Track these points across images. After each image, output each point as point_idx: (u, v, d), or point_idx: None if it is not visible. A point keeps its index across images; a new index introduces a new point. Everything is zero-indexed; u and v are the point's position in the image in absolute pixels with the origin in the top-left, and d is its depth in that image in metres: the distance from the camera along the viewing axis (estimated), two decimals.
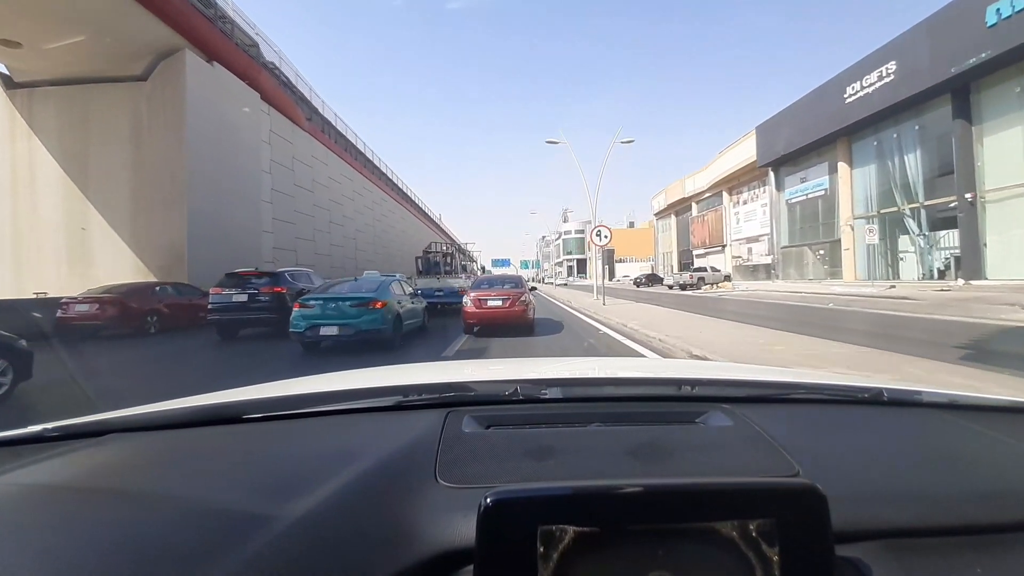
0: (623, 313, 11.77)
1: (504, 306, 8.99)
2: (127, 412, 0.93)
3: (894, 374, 4.40)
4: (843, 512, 0.53)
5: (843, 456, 0.72)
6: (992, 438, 0.82)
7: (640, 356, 6.26)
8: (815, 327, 8.56)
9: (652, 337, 7.57)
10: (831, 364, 5.05)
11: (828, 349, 6.03)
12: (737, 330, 8.25)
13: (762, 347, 6.22)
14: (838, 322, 9.82)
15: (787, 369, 2.50)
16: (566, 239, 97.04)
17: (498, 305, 9.00)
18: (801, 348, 6.09)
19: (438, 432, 0.76)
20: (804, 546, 0.43)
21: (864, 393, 1.00)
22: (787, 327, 8.47)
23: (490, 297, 9.07)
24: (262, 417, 0.89)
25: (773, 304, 15.02)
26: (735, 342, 6.78)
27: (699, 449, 0.73)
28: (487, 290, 9.38)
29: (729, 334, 7.73)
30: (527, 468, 0.65)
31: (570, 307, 15.48)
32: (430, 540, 0.51)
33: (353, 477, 0.62)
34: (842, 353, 5.68)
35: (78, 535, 0.50)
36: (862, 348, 6.02)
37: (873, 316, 10.61)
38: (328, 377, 1.31)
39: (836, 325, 9.16)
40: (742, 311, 12.85)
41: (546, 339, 8.38)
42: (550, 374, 1.38)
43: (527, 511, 0.43)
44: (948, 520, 0.58)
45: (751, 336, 7.42)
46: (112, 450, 0.79)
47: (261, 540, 0.49)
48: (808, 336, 7.15)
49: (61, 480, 0.68)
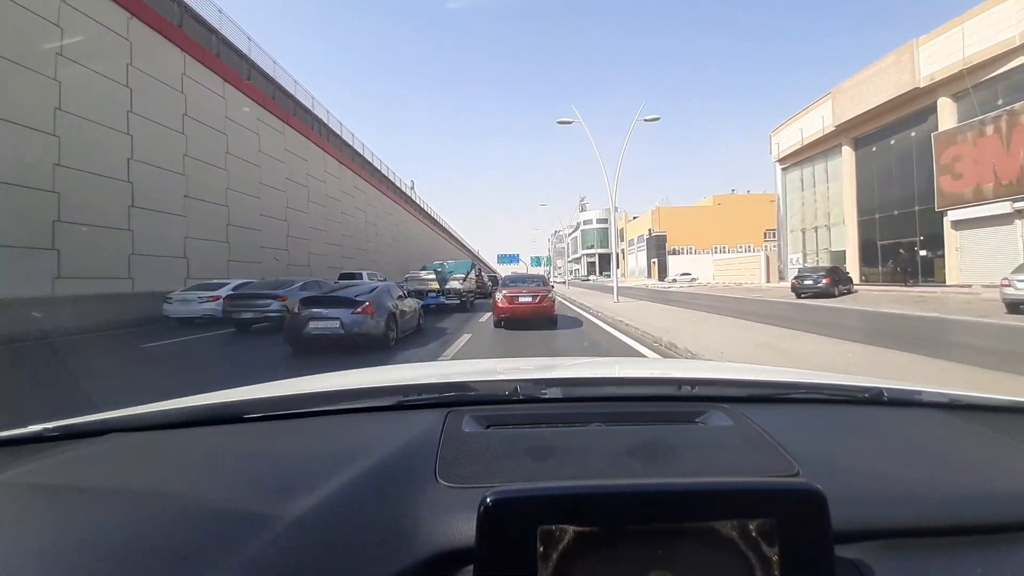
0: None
1: (533, 302, 10.05)
2: (127, 412, 0.93)
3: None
4: (843, 512, 0.53)
5: (843, 456, 0.72)
6: (992, 438, 0.82)
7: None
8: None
9: None
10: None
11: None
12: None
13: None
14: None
15: (787, 369, 2.50)
16: (585, 230, 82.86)
17: (528, 301, 10.06)
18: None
19: (438, 432, 0.76)
20: (804, 546, 0.43)
21: (864, 393, 1.00)
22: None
23: (521, 294, 10.17)
24: (262, 417, 0.89)
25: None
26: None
27: (699, 449, 0.73)
28: (518, 287, 10.47)
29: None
30: (527, 468, 0.65)
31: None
32: (430, 540, 0.51)
33: (353, 477, 0.62)
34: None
35: (78, 535, 0.50)
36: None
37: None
38: (328, 377, 1.31)
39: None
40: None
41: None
42: (550, 374, 1.38)
43: (527, 511, 0.43)
44: (949, 520, 0.58)
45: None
46: (112, 450, 0.79)
47: (262, 539, 0.49)
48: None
49: (61, 480, 0.68)
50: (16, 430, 0.84)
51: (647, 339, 7.86)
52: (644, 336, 8.19)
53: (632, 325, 9.45)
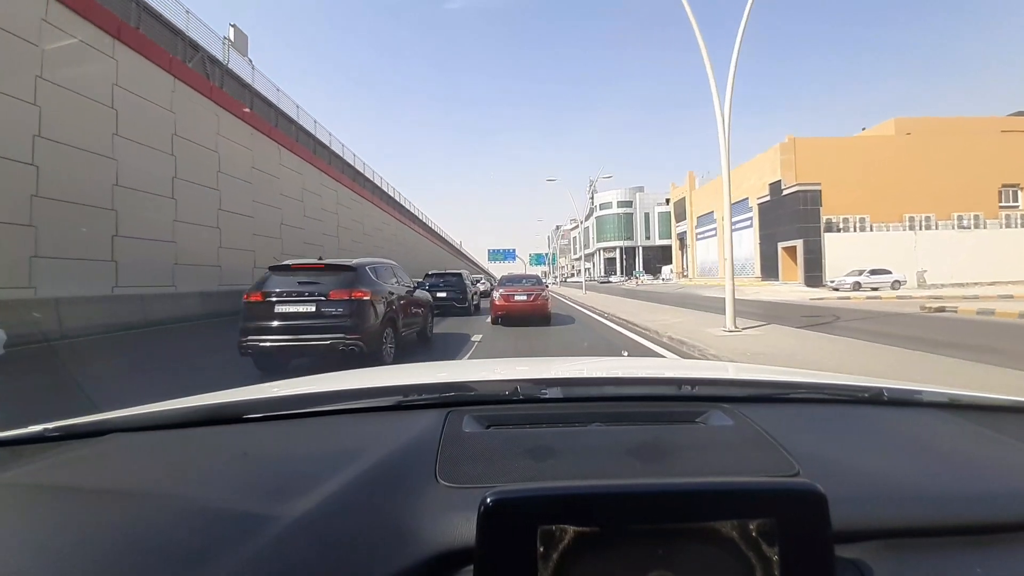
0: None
1: (528, 300, 10.71)
2: (127, 412, 0.93)
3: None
4: (843, 512, 0.53)
5: (843, 456, 0.72)
6: (992, 437, 0.82)
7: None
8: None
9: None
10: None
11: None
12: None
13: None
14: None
15: (787, 369, 2.50)
16: (602, 218, 62.59)
17: (523, 299, 10.74)
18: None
19: (438, 432, 0.76)
20: (804, 546, 0.43)
21: (864, 393, 1.00)
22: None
23: (516, 293, 10.89)
24: (262, 417, 0.89)
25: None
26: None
27: (699, 449, 0.73)
28: (513, 287, 11.20)
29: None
30: (527, 468, 0.65)
31: None
32: (430, 540, 0.51)
33: (353, 477, 0.62)
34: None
35: (79, 535, 0.50)
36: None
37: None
38: (328, 377, 1.31)
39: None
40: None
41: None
42: (550, 374, 1.38)
43: (527, 511, 0.43)
44: (949, 520, 0.58)
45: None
46: (113, 450, 0.79)
47: (261, 540, 0.49)
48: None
49: (62, 480, 0.68)
50: (17, 430, 0.84)
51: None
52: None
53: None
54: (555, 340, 8.69)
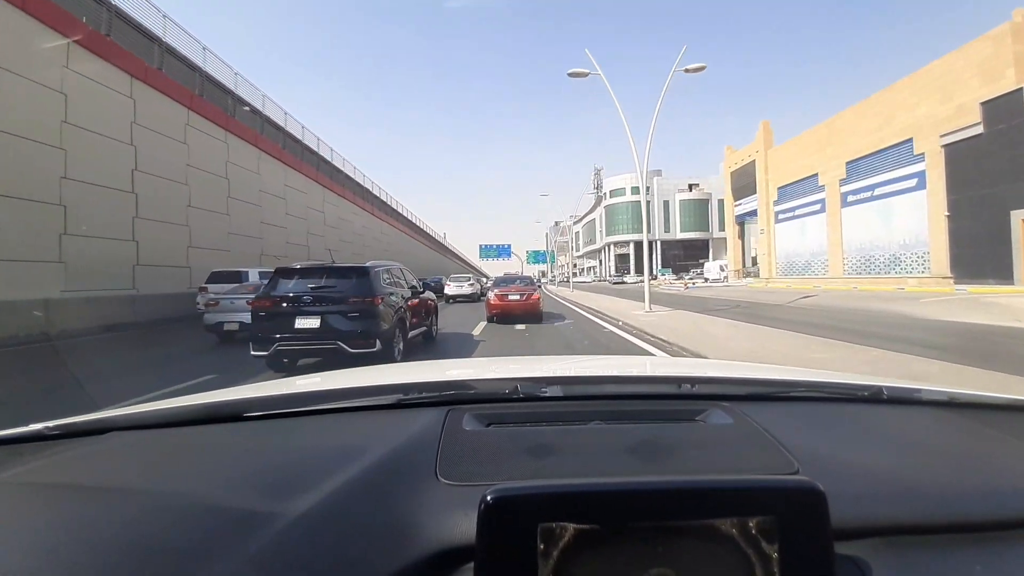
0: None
1: (521, 299, 11.45)
2: (128, 410, 0.93)
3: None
4: (843, 509, 0.53)
5: (843, 454, 0.72)
6: (991, 436, 0.83)
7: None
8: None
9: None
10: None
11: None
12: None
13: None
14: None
15: (787, 367, 2.50)
16: (612, 207, 54.80)
17: (516, 299, 11.47)
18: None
19: (439, 430, 0.76)
20: (804, 543, 0.43)
21: (864, 391, 1.00)
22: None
23: (510, 292, 11.65)
24: (263, 415, 0.89)
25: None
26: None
27: (699, 447, 0.73)
28: (507, 287, 12.02)
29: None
30: (528, 466, 0.65)
31: None
32: (431, 537, 0.51)
33: (354, 475, 0.62)
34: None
35: (79, 534, 0.50)
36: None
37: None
38: (329, 375, 1.31)
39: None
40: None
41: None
42: (550, 372, 1.38)
43: (527, 508, 0.43)
44: (948, 517, 0.58)
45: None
46: (113, 448, 0.79)
47: (262, 538, 0.49)
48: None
49: (62, 479, 0.68)
50: (17, 429, 0.84)
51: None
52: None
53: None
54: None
